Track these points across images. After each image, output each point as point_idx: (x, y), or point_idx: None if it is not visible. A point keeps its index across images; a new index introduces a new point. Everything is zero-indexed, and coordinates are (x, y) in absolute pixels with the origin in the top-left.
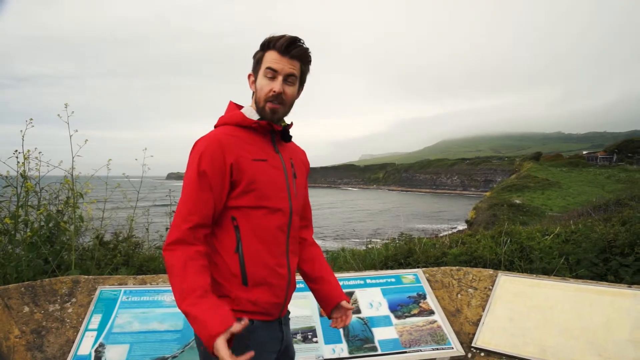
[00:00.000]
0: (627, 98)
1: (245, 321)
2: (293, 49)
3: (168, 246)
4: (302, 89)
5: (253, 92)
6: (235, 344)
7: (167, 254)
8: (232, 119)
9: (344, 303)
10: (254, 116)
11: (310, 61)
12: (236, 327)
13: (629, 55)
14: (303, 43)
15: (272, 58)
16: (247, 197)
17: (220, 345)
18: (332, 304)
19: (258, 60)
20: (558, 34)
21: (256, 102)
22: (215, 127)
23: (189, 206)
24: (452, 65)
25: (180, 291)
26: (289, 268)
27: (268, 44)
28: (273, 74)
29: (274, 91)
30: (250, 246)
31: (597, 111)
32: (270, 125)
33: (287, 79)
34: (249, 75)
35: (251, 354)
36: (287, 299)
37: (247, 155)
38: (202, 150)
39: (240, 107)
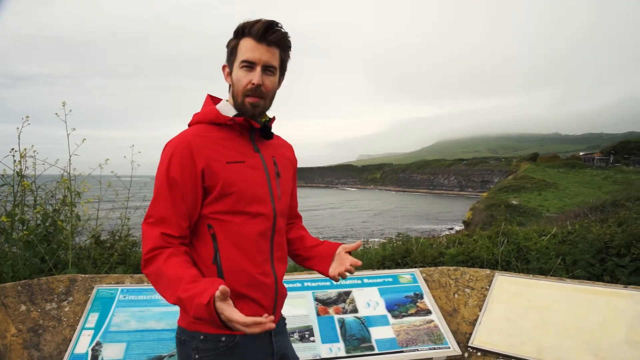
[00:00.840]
0: (625, 100)
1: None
2: (270, 35)
3: (145, 256)
4: (283, 78)
5: (230, 85)
6: None
7: (147, 267)
8: (206, 116)
9: (343, 246)
10: (231, 112)
11: (290, 46)
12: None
13: (629, 57)
14: (281, 27)
15: (247, 47)
16: (223, 203)
17: (222, 306)
18: (331, 255)
19: (232, 49)
20: (558, 35)
21: (233, 97)
22: (188, 125)
23: (161, 215)
24: (452, 66)
25: (168, 284)
26: (275, 276)
27: (242, 31)
28: (250, 64)
29: (253, 83)
30: (229, 256)
31: (596, 113)
32: (247, 122)
33: (267, 69)
34: (224, 67)
35: (270, 319)
36: (277, 309)
37: (220, 157)
38: (170, 154)
39: (218, 100)
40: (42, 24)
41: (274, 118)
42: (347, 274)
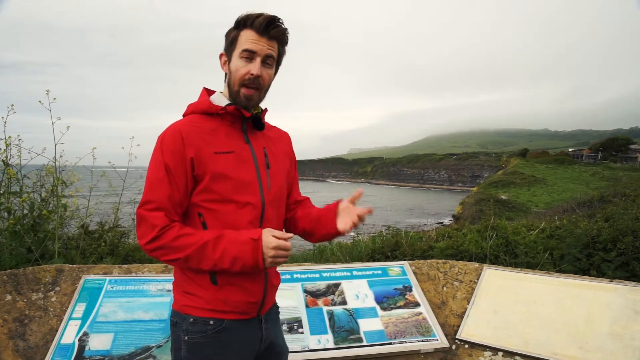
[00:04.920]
0: (624, 97)
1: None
2: (272, 29)
3: (155, 234)
4: (277, 72)
5: (226, 74)
6: (200, 346)
7: (158, 241)
8: (199, 106)
9: (347, 200)
10: (223, 102)
11: (287, 42)
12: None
13: (631, 54)
14: (282, 22)
15: (249, 38)
16: (211, 191)
17: (267, 234)
18: (334, 212)
19: (233, 39)
20: (558, 33)
21: (229, 85)
22: (183, 115)
23: (162, 200)
24: (450, 60)
25: (192, 242)
26: None
27: (244, 22)
28: (250, 55)
29: (252, 74)
30: None
31: (596, 110)
32: (238, 111)
33: (266, 60)
34: (221, 55)
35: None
36: (267, 297)
37: (209, 148)
38: (162, 143)
39: (213, 92)
40: (29, 10)
41: (265, 109)
42: (358, 221)
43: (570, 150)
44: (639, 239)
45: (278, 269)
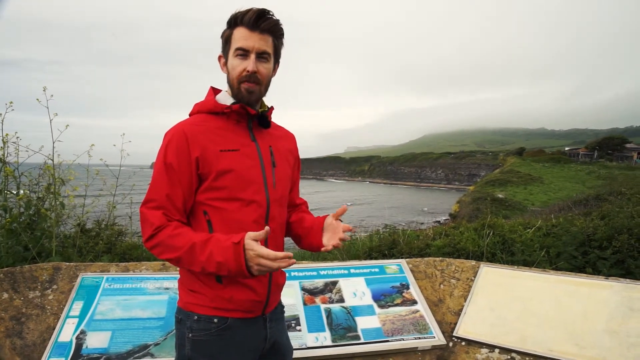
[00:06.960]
0: (624, 95)
1: (267, 229)
2: (262, 23)
3: (152, 232)
4: (277, 66)
5: (227, 76)
6: (204, 344)
7: (154, 239)
8: (204, 105)
9: (331, 214)
10: (229, 101)
11: (282, 34)
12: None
13: (627, 56)
14: (273, 15)
15: (241, 35)
16: (217, 190)
17: (251, 243)
18: (321, 226)
19: (227, 39)
20: (558, 32)
21: (230, 85)
22: (189, 115)
23: (162, 198)
24: (447, 60)
25: (184, 243)
26: None
27: (235, 20)
28: (244, 52)
29: (248, 70)
30: None
31: (598, 108)
32: (244, 109)
33: (261, 56)
34: (219, 57)
35: (290, 255)
36: (272, 296)
37: (215, 146)
38: (167, 142)
39: (219, 91)
40: (29, 7)
41: (272, 107)
42: (341, 242)
43: (566, 149)
44: (634, 237)
45: None
